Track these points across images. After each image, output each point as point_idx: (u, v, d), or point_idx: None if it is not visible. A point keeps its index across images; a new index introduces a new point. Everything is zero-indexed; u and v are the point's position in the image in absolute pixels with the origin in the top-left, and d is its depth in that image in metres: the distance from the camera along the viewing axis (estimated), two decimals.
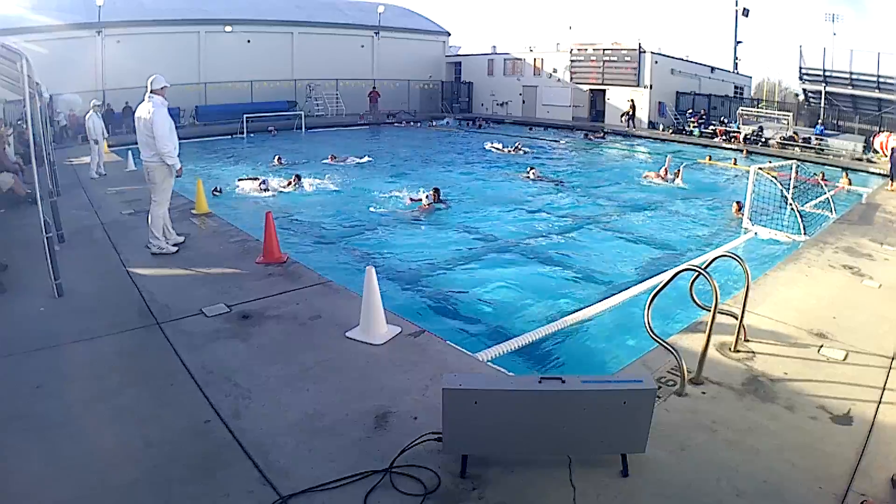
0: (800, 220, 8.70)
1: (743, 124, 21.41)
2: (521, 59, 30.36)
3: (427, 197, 10.76)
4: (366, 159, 15.87)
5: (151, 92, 5.93)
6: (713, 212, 10.86)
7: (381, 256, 7.98)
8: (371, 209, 10.56)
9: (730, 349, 4.15)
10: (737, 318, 4.13)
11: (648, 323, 3.74)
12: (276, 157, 15.30)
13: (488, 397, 2.66)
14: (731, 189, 13.08)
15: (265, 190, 11.55)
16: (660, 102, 25.24)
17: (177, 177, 6.24)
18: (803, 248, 7.21)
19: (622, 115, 25.46)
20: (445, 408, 2.67)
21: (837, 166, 16.28)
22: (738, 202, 10.48)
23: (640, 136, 23.29)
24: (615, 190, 13.17)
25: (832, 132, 20.02)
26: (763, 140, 20.05)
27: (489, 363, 4.22)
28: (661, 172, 13.65)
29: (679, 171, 13.61)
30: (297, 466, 2.82)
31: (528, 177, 13.41)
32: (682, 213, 10.89)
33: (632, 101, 25.25)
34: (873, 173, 15.41)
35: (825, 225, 8.79)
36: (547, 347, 5.23)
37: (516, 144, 18.14)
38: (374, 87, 28.45)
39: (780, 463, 2.91)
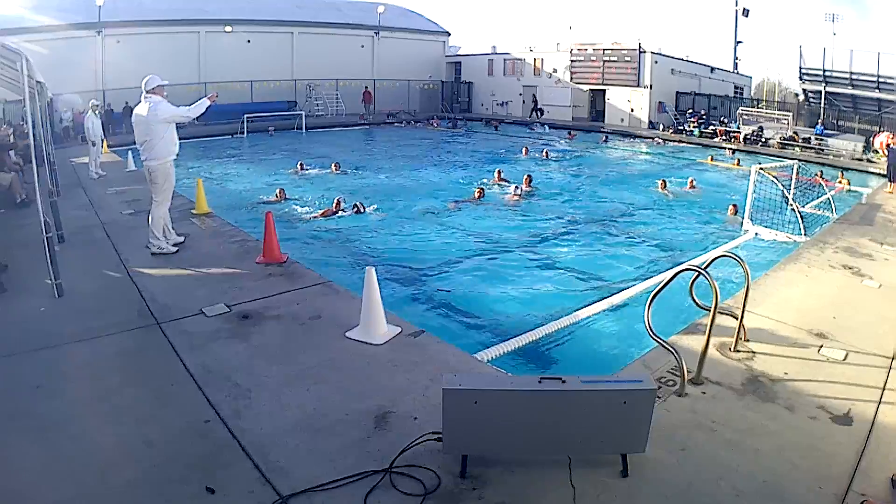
0: (800, 220, 8.70)
1: (743, 124, 21.41)
2: (521, 59, 30.35)
3: (516, 187, 11.82)
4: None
5: (147, 92, 5.91)
6: (713, 213, 10.86)
7: (381, 256, 7.98)
8: (372, 208, 10.56)
9: (730, 349, 4.15)
10: (737, 318, 4.13)
11: (648, 323, 3.74)
12: (334, 164, 14.50)
13: (488, 397, 2.66)
14: (733, 190, 13.05)
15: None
16: (660, 102, 25.25)
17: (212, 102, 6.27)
18: (803, 248, 7.21)
19: (531, 111, 28.18)
20: (445, 408, 2.67)
21: (837, 166, 16.28)
22: (733, 205, 10.44)
23: (639, 136, 23.27)
24: (615, 190, 13.17)
25: (832, 132, 20.01)
26: (763, 140, 20.05)
27: (489, 363, 4.22)
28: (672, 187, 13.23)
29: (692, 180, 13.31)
30: (296, 466, 2.82)
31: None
32: (681, 214, 10.89)
33: (534, 95, 28.33)
34: (873, 173, 15.42)
35: (825, 225, 8.79)
36: (547, 347, 5.23)
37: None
38: (366, 88, 28.12)
39: (780, 463, 2.91)
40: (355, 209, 10.17)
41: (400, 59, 30.48)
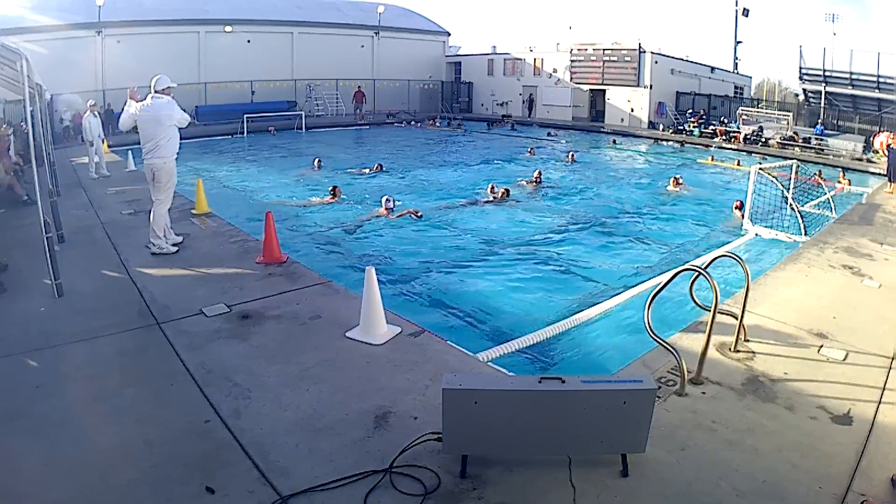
0: (800, 220, 8.70)
1: (743, 124, 21.41)
2: (521, 59, 30.36)
3: (493, 188, 11.40)
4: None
5: (156, 92, 5.94)
6: (713, 213, 10.86)
7: (381, 256, 7.97)
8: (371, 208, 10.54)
9: (730, 349, 4.15)
10: (737, 318, 4.12)
11: (648, 323, 3.74)
12: (377, 165, 14.48)
13: (488, 397, 2.66)
14: (732, 189, 13.04)
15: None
16: (660, 102, 25.25)
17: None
18: (803, 248, 7.20)
19: (528, 109, 29.65)
20: (445, 408, 2.67)
21: (837, 166, 16.28)
22: (738, 201, 10.45)
23: (639, 136, 23.26)
24: (615, 190, 13.17)
25: (832, 132, 20.02)
26: (763, 140, 20.05)
27: (489, 363, 4.22)
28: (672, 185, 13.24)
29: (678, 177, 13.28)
30: (296, 466, 2.82)
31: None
32: (681, 214, 10.89)
33: (531, 94, 29.81)
34: (873, 173, 15.42)
35: (825, 225, 8.79)
36: (547, 347, 5.22)
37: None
38: (358, 87, 27.50)
39: (780, 463, 2.91)
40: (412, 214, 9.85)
41: (400, 59, 30.47)
